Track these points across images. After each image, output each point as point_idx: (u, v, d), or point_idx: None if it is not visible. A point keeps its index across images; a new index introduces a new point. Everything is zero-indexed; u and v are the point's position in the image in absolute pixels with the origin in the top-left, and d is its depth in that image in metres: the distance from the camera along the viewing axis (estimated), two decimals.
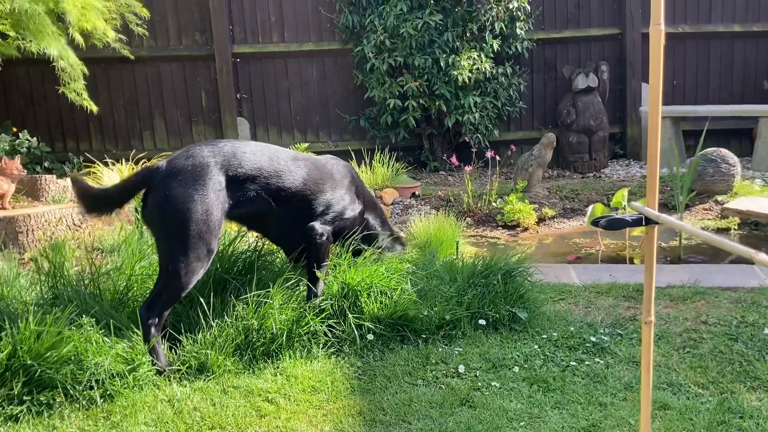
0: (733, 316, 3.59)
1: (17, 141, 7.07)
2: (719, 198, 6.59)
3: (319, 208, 3.47)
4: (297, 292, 3.40)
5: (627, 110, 8.69)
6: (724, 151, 6.74)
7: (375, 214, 3.89)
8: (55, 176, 6.07)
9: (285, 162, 3.39)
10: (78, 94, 6.35)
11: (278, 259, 3.73)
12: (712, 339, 3.32)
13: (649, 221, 1.55)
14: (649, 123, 1.60)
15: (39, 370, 2.71)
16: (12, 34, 5.62)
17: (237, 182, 3.19)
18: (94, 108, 6.61)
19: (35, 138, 7.30)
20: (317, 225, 3.43)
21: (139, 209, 3.23)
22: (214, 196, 3.07)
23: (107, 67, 7.73)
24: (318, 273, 3.41)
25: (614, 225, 1.54)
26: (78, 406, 2.72)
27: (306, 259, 3.49)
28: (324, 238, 3.43)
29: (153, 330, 2.97)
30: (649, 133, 1.59)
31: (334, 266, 3.55)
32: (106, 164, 6.63)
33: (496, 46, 7.83)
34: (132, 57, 7.20)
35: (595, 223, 1.57)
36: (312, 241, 3.42)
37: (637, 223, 1.53)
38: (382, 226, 3.94)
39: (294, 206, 3.39)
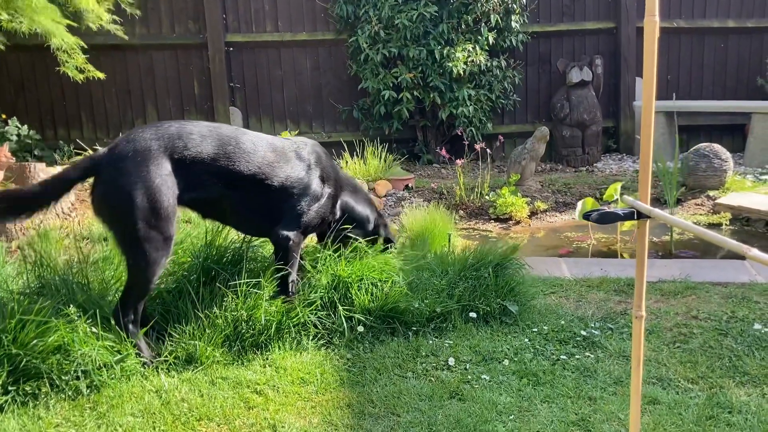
0: (723, 311, 3.59)
1: (6, 128, 7.00)
2: (711, 193, 6.60)
3: (278, 193, 3.25)
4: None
5: (621, 105, 8.68)
6: (717, 147, 6.73)
7: (356, 198, 3.69)
8: (45, 164, 6.01)
9: (237, 143, 3.15)
10: (80, 70, 6.28)
11: (267, 251, 3.70)
12: (703, 334, 3.32)
13: (641, 215, 1.54)
14: (643, 116, 1.59)
15: (24, 359, 2.68)
16: (4, 16, 5.53)
17: (185, 165, 2.99)
18: (101, 75, 6.55)
19: (25, 126, 7.23)
20: (280, 230, 3.25)
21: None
22: (161, 182, 2.88)
23: (99, 54, 7.63)
24: (287, 272, 3.27)
25: (606, 219, 1.52)
26: (64, 396, 2.70)
27: (274, 255, 3.35)
28: (289, 242, 3.25)
29: (131, 327, 2.93)
30: (642, 127, 1.57)
31: (315, 261, 3.48)
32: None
33: (491, 39, 7.79)
34: (126, 38, 7.12)
35: (586, 216, 1.55)
36: (277, 246, 3.28)
37: (628, 217, 1.51)
38: (367, 209, 3.75)
39: (251, 191, 3.18)
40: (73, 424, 2.54)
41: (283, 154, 3.32)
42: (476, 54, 7.61)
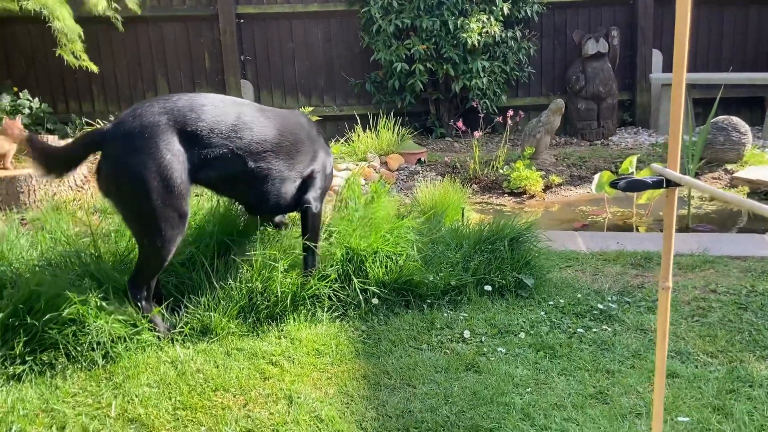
0: (742, 285, 3.54)
1: (18, 101, 6.98)
2: (729, 167, 6.50)
3: (299, 165, 3.22)
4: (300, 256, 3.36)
5: (637, 77, 8.54)
6: (736, 120, 6.62)
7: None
8: (57, 137, 6.00)
9: (253, 113, 3.09)
10: (76, 57, 6.23)
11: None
12: (722, 308, 3.27)
13: (669, 183, 1.49)
14: (673, 84, 1.53)
15: (40, 330, 2.68)
16: None
17: (199, 139, 2.88)
18: (95, 68, 6.51)
19: (37, 99, 7.20)
20: (311, 197, 3.27)
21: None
22: (172, 158, 2.77)
23: (110, 27, 7.57)
24: (314, 244, 3.28)
25: (634, 186, 1.48)
26: (80, 366, 2.70)
27: (302, 228, 3.33)
28: (317, 209, 3.29)
29: (144, 303, 2.91)
30: (672, 96, 1.51)
31: (329, 234, 3.48)
32: None
33: (506, 9, 7.65)
34: (137, 10, 7.05)
35: (614, 184, 1.50)
36: (307, 213, 3.26)
37: (657, 184, 1.47)
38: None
39: (271, 164, 3.10)
40: (90, 394, 2.54)
41: (295, 122, 3.31)
42: (491, 25, 7.49)
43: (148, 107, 2.83)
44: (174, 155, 2.79)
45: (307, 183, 3.30)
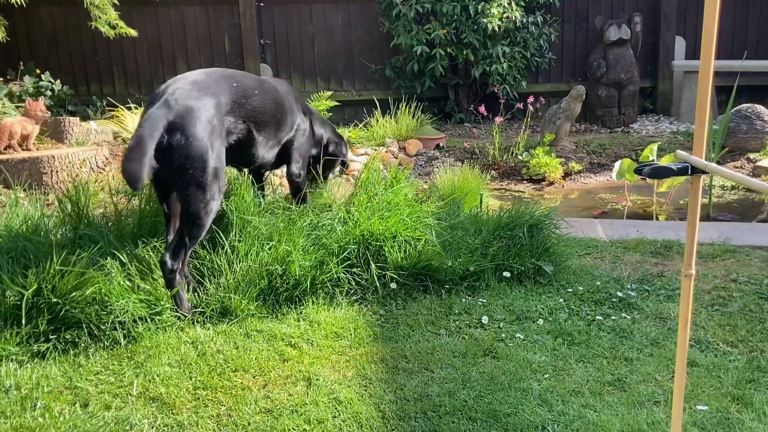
0: (764, 274, 3.51)
1: (41, 83, 7.04)
2: (752, 156, 6.43)
3: (285, 129, 3.62)
4: (319, 238, 3.37)
5: (659, 64, 8.44)
6: (760, 108, 6.53)
7: (329, 129, 4.20)
8: (78, 119, 6.05)
9: (253, 81, 3.43)
10: (112, 26, 6.28)
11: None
12: (742, 297, 3.25)
13: (695, 170, 1.47)
14: (700, 72, 1.51)
15: (64, 309, 2.72)
16: None
17: (234, 112, 3.20)
18: (133, 32, 6.57)
19: (58, 80, 7.26)
20: (294, 168, 3.77)
21: None
22: (221, 130, 3.05)
23: (130, 10, 7.61)
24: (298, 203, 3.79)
25: (659, 173, 1.47)
26: (102, 345, 2.74)
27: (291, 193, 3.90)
28: (300, 178, 3.83)
29: (177, 277, 2.94)
30: (699, 83, 1.50)
31: (344, 221, 3.54)
32: (129, 109, 6.60)
33: None
34: None
35: (638, 170, 1.49)
36: (293, 183, 3.82)
37: (682, 171, 1.45)
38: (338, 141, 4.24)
39: (265, 129, 3.45)
40: (112, 372, 2.58)
41: (287, 92, 3.72)
42: (512, 10, 7.43)
43: (202, 79, 3.10)
44: (222, 129, 3.07)
45: (289, 151, 3.76)
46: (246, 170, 3.67)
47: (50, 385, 2.48)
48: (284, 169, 3.90)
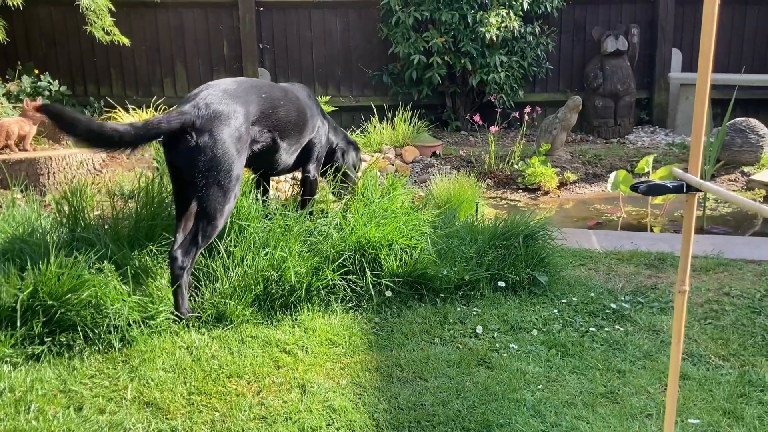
0: (756, 289, 3.54)
1: (39, 83, 7.03)
2: (746, 169, 6.47)
3: (306, 133, 3.74)
4: (315, 244, 3.38)
5: (655, 76, 8.48)
6: (754, 122, 6.58)
7: (341, 136, 4.28)
8: None
9: (279, 92, 3.55)
10: (106, 32, 6.28)
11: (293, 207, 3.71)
12: (735, 311, 3.27)
13: (690, 188, 1.49)
14: (698, 85, 1.53)
15: (59, 311, 2.73)
16: None
17: (260, 121, 3.32)
18: (126, 41, 6.56)
19: (57, 81, 7.26)
20: (311, 167, 3.87)
21: (164, 150, 3.11)
22: (247, 138, 3.16)
23: (129, 11, 7.62)
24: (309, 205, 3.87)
25: (654, 191, 1.49)
26: (97, 348, 2.74)
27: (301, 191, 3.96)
28: (314, 179, 3.92)
29: (185, 275, 2.96)
30: (696, 97, 1.52)
31: (340, 227, 3.57)
32: (126, 110, 6.60)
33: (525, 4, 7.62)
34: None
35: (634, 188, 1.51)
36: (306, 182, 3.88)
37: (678, 189, 1.47)
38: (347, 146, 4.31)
39: (292, 138, 3.60)
40: (106, 376, 2.59)
41: (307, 97, 3.87)
42: (510, 19, 7.47)
43: (233, 88, 3.23)
44: (247, 136, 3.19)
45: (307, 152, 3.84)
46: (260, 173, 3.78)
47: (44, 388, 2.48)
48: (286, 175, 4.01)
